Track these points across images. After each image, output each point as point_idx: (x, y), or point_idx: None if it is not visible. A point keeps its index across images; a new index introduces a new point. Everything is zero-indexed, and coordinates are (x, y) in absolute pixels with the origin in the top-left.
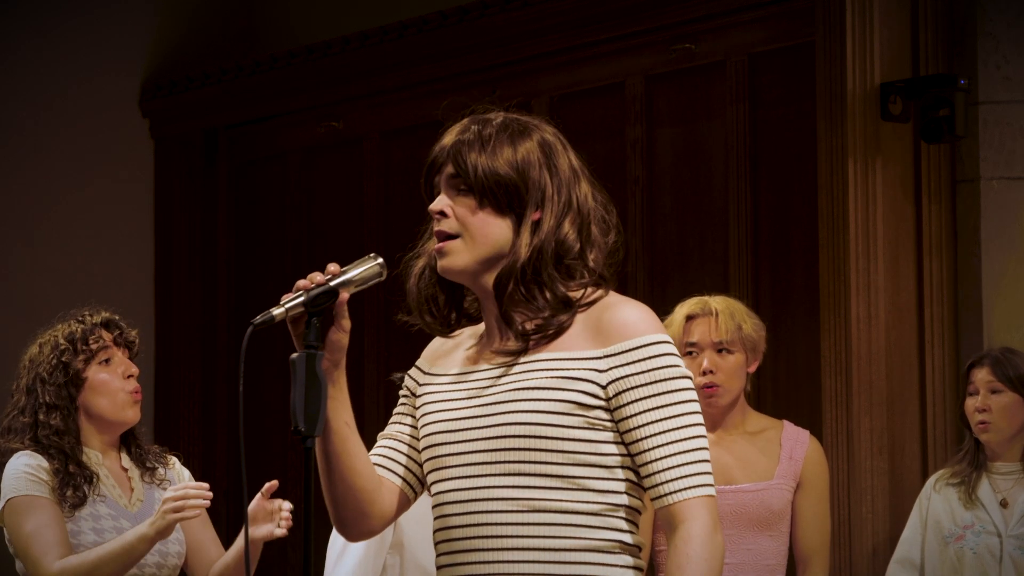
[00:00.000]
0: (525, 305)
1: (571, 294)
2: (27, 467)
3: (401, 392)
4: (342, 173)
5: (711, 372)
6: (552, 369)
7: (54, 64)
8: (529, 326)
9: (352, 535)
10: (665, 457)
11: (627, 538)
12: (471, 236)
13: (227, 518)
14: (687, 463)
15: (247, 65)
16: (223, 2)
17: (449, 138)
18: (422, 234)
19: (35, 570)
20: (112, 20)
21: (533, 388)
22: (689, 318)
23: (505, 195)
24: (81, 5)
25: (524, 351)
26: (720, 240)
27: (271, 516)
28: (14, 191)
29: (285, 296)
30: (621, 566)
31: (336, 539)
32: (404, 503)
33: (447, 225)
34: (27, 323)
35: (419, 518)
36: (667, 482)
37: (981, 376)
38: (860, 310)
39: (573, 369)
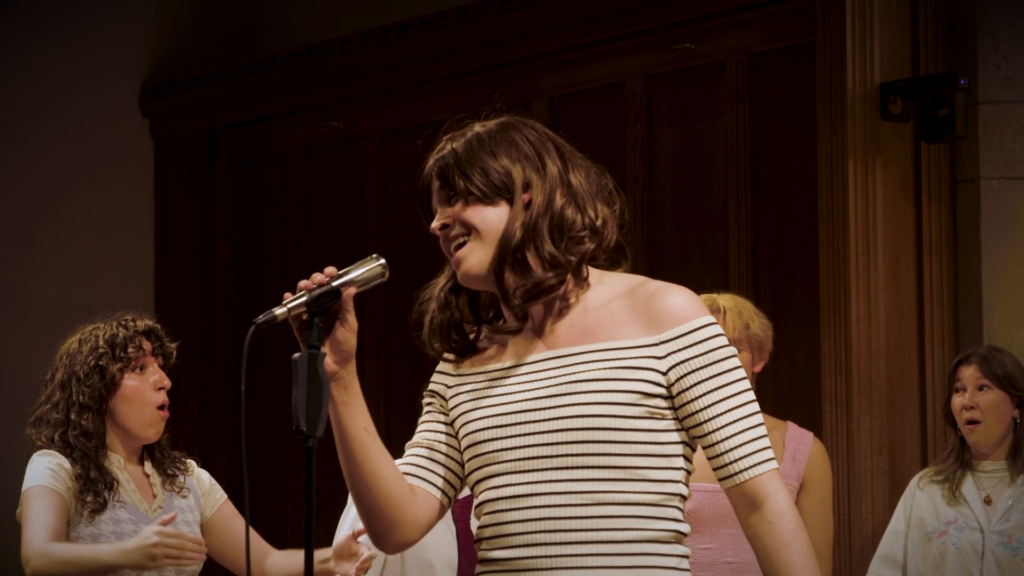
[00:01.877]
0: (522, 277)
1: (570, 257)
2: (49, 464)
3: (426, 399)
4: (342, 173)
5: None
6: (610, 359)
7: (54, 64)
8: (520, 295)
9: (388, 547)
10: (734, 435)
11: (681, 527)
12: (476, 231)
13: None
14: (754, 439)
15: (247, 65)
16: (223, 2)
17: (430, 162)
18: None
19: (23, 549)
20: (112, 20)
21: (593, 380)
22: None
23: (489, 185)
24: (81, 5)
25: (521, 329)
26: (720, 240)
27: (353, 557)
28: (14, 191)
29: (287, 295)
30: (678, 555)
31: (339, 535)
32: (440, 510)
33: (455, 231)
34: (27, 323)
35: None
36: (740, 459)
37: (968, 374)
38: (860, 310)
39: (632, 358)
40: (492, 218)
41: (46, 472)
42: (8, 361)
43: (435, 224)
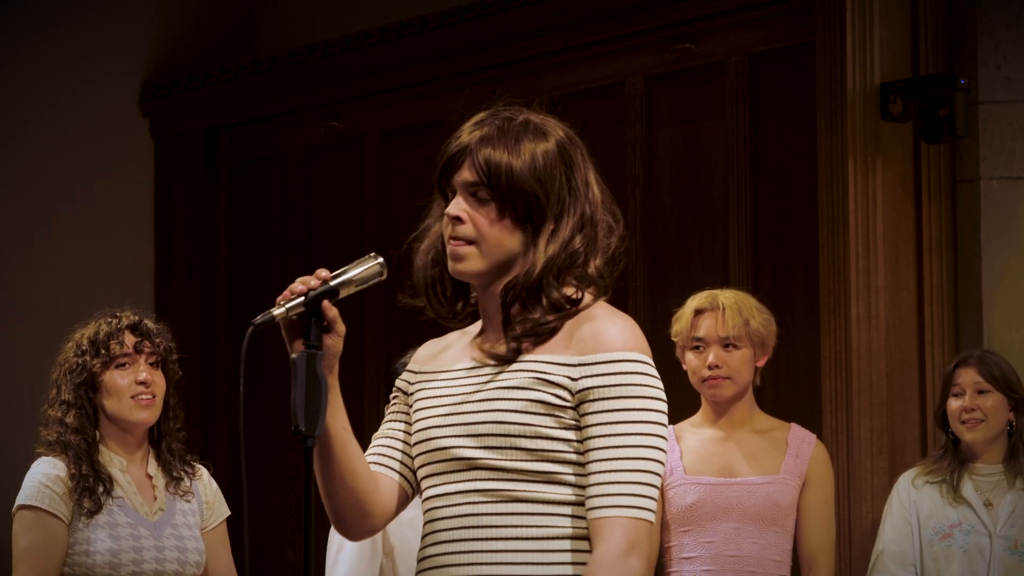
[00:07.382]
0: (525, 312)
1: (568, 304)
2: (45, 476)
3: (392, 394)
4: (342, 173)
5: (717, 367)
6: (533, 371)
7: (54, 64)
8: (519, 330)
9: (354, 535)
10: (608, 472)
11: None
12: (487, 244)
13: (229, 520)
14: (625, 482)
15: (247, 65)
16: (223, 2)
17: (469, 136)
18: (423, 216)
19: None
20: (112, 20)
21: (512, 387)
22: (697, 312)
23: (526, 207)
24: (81, 5)
25: (514, 358)
26: (720, 240)
27: None
28: (14, 191)
29: (280, 298)
30: None
31: (332, 541)
32: (404, 499)
33: (463, 231)
34: (28, 323)
35: (410, 522)
36: (597, 496)
37: (967, 377)
38: (860, 310)
39: (550, 373)
40: (508, 241)
41: (39, 487)
42: (8, 361)
43: (452, 211)
